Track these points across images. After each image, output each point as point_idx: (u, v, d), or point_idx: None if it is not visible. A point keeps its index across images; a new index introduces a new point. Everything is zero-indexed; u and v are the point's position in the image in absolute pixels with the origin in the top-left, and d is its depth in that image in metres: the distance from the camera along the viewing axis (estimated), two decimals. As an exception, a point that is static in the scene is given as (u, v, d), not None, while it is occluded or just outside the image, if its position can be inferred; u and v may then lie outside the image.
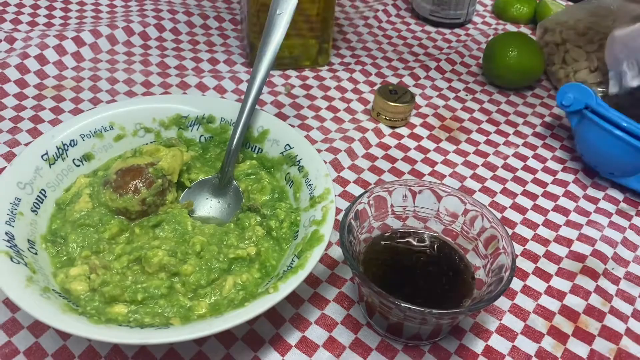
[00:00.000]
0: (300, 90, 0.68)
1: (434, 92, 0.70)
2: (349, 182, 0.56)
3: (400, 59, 0.76)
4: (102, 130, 0.49)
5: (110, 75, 0.66)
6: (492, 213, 0.43)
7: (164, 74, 0.68)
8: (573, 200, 0.57)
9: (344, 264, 0.48)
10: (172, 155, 0.46)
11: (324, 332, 0.43)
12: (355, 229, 0.43)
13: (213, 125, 0.52)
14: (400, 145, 0.62)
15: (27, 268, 0.37)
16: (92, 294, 0.38)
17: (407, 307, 0.36)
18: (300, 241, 0.42)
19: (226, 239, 0.43)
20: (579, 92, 0.57)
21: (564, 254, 0.51)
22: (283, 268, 0.40)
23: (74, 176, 0.47)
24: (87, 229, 0.43)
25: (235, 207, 0.48)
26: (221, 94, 0.66)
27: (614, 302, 0.47)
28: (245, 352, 0.41)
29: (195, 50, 0.73)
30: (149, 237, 0.43)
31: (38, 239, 0.42)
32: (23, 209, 0.42)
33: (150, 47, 0.72)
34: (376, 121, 0.64)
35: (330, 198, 0.43)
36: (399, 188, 0.45)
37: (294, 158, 0.48)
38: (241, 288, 0.40)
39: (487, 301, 0.38)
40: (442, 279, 0.43)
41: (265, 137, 0.50)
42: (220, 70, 0.70)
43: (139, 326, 0.36)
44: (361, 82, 0.71)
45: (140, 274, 0.40)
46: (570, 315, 0.46)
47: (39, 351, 0.40)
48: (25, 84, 0.63)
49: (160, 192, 0.45)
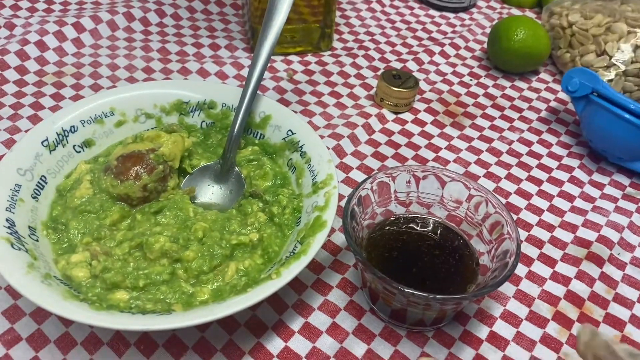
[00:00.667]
0: (303, 76, 0.67)
1: (438, 77, 0.70)
2: (351, 168, 0.56)
3: (403, 43, 0.75)
4: (102, 116, 0.48)
5: (110, 61, 0.66)
6: (496, 198, 0.43)
7: (164, 59, 0.67)
8: (578, 186, 0.56)
9: (347, 250, 0.48)
10: (173, 141, 0.46)
11: (327, 318, 0.43)
12: (358, 215, 0.42)
13: (214, 111, 0.51)
14: (403, 130, 0.61)
15: (28, 254, 0.37)
16: (94, 280, 0.38)
17: (410, 292, 0.36)
18: (303, 227, 0.41)
19: (228, 225, 0.43)
20: (585, 76, 0.57)
21: (569, 240, 0.51)
22: (285, 254, 0.40)
23: (74, 162, 0.46)
24: (88, 216, 0.42)
25: (238, 194, 0.47)
26: (222, 80, 0.65)
27: (619, 288, 0.47)
28: (248, 338, 0.41)
29: (196, 36, 0.72)
30: (151, 223, 0.42)
31: (39, 225, 0.42)
32: (23, 195, 0.41)
33: (151, 32, 0.72)
34: (379, 107, 0.63)
35: (332, 184, 0.43)
36: (403, 174, 0.45)
37: (297, 144, 0.48)
38: (243, 274, 0.40)
39: (492, 287, 0.37)
40: (446, 265, 0.42)
41: (267, 123, 0.50)
42: (221, 55, 0.69)
43: (140, 312, 0.36)
44: (364, 67, 0.70)
45: (142, 260, 0.40)
46: (575, 301, 0.46)
47: (41, 338, 0.40)
48: (25, 71, 0.62)
49: (161, 178, 0.44)
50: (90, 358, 0.39)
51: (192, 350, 0.40)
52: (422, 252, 0.43)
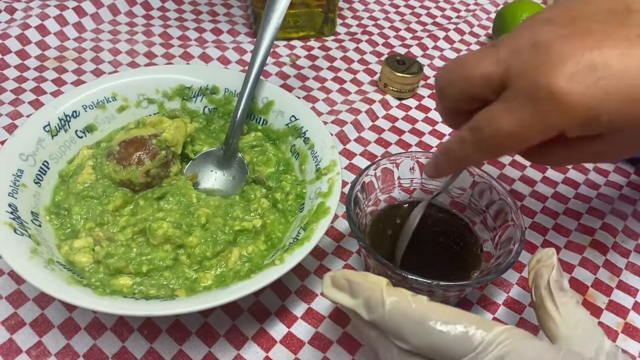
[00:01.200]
0: (306, 61, 0.66)
1: (443, 63, 0.69)
2: (355, 155, 0.55)
3: (407, 28, 0.75)
4: (104, 101, 0.48)
5: (112, 46, 0.65)
6: (501, 185, 0.43)
7: (166, 44, 0.66)
8: (583, 173, 0.56)
9: (349, 236, 0.48)
10: (176, 127, 0.45)
11: (330, 303, 0.43)
12: (361, 201, 0.42)
13: (217, 97, 0.51)
14: (407, 117, 0.61)
15: (31, 240, 0.37)
16: (97, 265, 0.38)
17: (414, 279, 0.36)
18: (306, 213, 0.41)
19: (231, 211, 0.43)
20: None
21: (573, 227, 0.50)
22: (289, 240, 0.40)
23: (76, 148, 0.46)
24: (90, 201, 0.42)
25: (240, 180, 0.47)
26: (225, 65, 0.64)
27: (622, 275, 0.47)
28: (251, 323, 0.41)
29: (198, 21, 0.71)
30: (154, 209, 0.42)
31: (41, 210, 0.41)
32: (26, 180, 0.41)
33: (152, 17, 0.71)
34: (383, 92, 0.63)
35: (336, 170, 0.43)
36: (406, 160, 0.45)
37: (300, 130, 0.47)
38: (247, 260, 0.40)
39: (495, 273, 0.37)
40: (450, 251, 0.42)
41: (270, 109, 0.50)
42: (223, 40, 0.68)
43: (144, 298, 0.36)
44: (368, 52, 0.69)
45: (145, 245, 0.40)
46: (579, 289, 0.45)
47: (45, 323, 0.40)
48: (27, 55, 0.62)
49: (164, 163, 0.44)
50: (93, 343, 0.39)
51: (196, 335, 0.40)
52: (426, 239, 0.43)
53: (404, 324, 0.28)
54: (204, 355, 0.39)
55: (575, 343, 0.31)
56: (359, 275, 0.31)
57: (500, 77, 0.31)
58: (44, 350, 0.38)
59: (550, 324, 0.32)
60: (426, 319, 0.28)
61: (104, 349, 0.39)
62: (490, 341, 0.27)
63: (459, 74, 0.34)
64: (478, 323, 0.28)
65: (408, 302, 0.29)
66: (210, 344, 0.40)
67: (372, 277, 0.31)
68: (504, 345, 0.27)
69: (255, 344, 0.40)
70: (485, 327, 0.27)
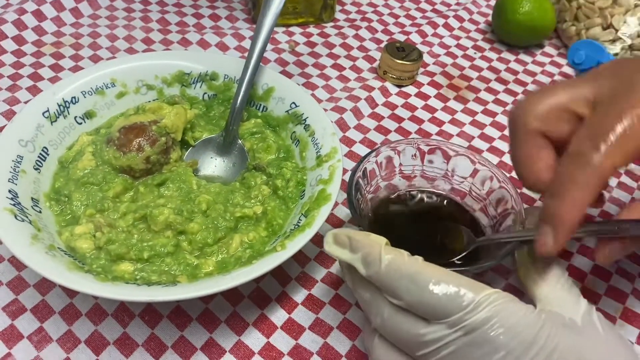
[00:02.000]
0: (305, 48, 0.66)
1: (442, 50, 0.69)
2: (354, 142, 0.55)
3: (407, 15, 0.74)
4: (103, 87, 0.48)
5: (109, 32, 0.65)
6: (502, 173, 0.43)
7: (164, 30, 0.66)
8: (582, 161, 0.56)
9: (350, 223, 0.48)
10: (176, 113, 0.45)
11: (330, 290, 0.43)
12: (362, 188, 0.42)
13: (216, 83, 0.51)
14: (407, 104, 0.61)
15: (32, 226, 0.37)
16: (98, 252, 0.38)
17: (415, 265, 0.36)
18: (307, 200, 0.41)
19: (232, 197, 0.43)
20: (591, 49, 0.56)
21: (571, 214, 0.50)
22: (290, 227, 0.40)
23: (76, 134, 0.46)
24: (91, 187, 0.42)
25: (241, 166, 0.47)
26: (223, 51, 0.64)
27: (621, 262, 0.47)
28: (252, 309, 0.41)
29: (196, 6, 0.71)
30: (154, 195, 0.42)
31: (42, 197, 0.41)
32: (25, 166, 0.41)
33: (150, 2, 0.70)
34: (383, 80, 0.63)
35: (337, 157, 0.43)
36: (408, 147, 0.45)
37: (300, 116, 0.47)
38: (248, 246, 0.40)
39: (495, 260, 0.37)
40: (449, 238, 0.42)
41: (270, 95, 0.49)
42: (222, 26, 0.68)
43: (145, 284, 0.36)
44: (367, 39, 0.69)
45: (146, 232, 0.40)
46: (577, 276, 0.46)
47: (46, 309, 0.40)
48: (23, 41, 0.61)
49: (164, 150, 0.44)
50: (95, 329, 0.39)
51: (197, 321, 0.40)
52: (426, 226, 0.43)
53: (398, 280, 0.30)
54: (205, 340, 0.39)
55: (554, 303, 0.32)
56: (361, 234, 0.33)
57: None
58: (45, 336, 0.38)
59: (532, 282, 0.34)
60: (420, 276, 0.30)
61: (105, 335, 0.39)
62: (480, 302, 0.29)
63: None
64: (469, 284, 0.29)
65: (404, 260, 0.30)
66: (211, 329, 0.40)
67: (373, 236, 0.32)
68: (493, 307, 0.29)
69: (256, 330, 0.40)
70: (475, 288, 0.29)
